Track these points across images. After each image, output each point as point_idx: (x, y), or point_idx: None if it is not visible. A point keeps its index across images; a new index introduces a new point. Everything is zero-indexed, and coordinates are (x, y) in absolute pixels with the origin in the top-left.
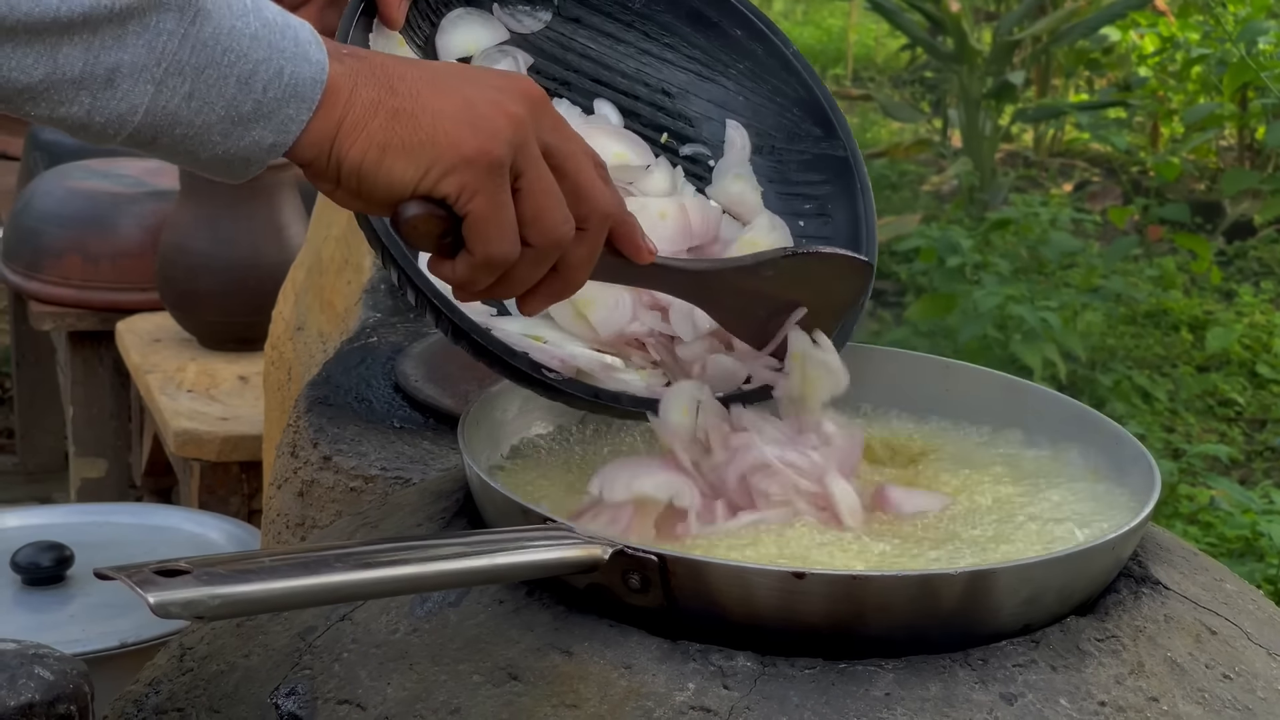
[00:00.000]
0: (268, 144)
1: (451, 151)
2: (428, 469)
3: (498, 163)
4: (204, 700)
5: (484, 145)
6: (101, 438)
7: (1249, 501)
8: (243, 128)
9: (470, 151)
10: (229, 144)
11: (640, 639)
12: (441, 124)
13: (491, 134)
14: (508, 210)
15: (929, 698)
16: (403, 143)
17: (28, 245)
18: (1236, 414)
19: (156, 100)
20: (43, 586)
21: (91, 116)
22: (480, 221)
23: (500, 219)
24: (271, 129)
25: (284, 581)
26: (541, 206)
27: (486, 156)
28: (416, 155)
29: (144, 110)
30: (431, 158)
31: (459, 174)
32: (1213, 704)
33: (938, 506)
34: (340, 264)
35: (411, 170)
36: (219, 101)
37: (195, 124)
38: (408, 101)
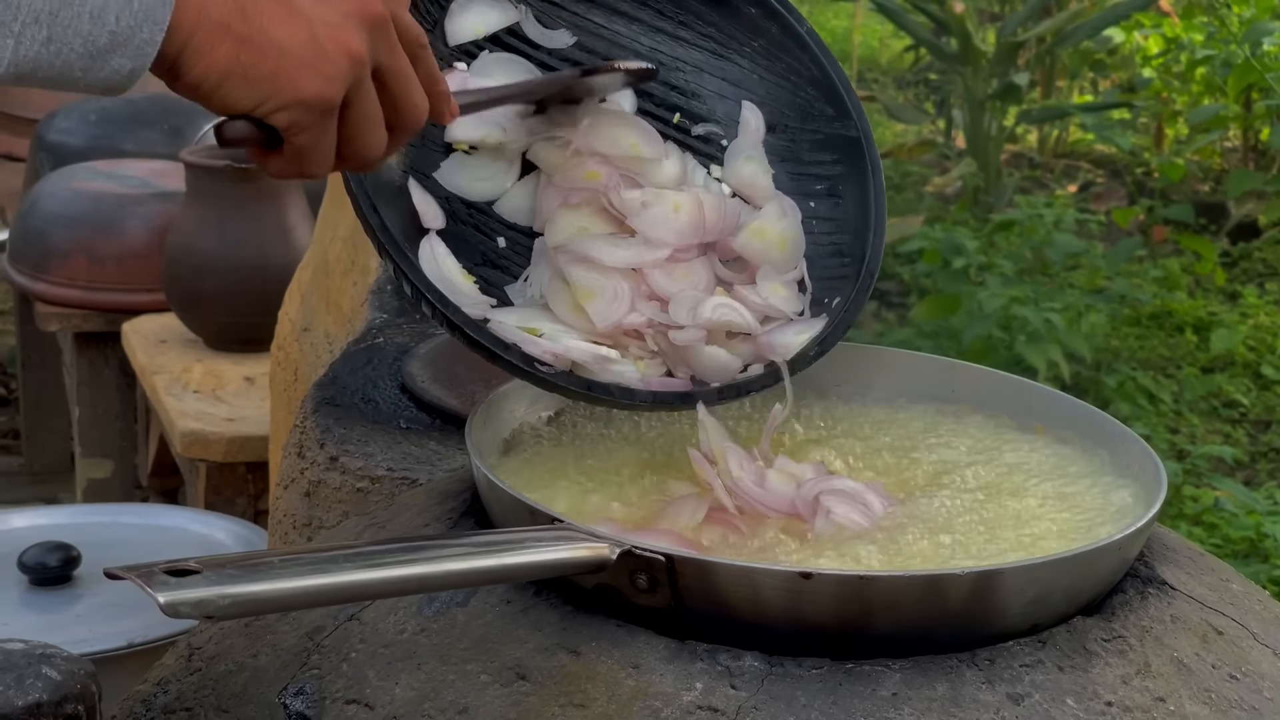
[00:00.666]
0: (127, 70)
1: (289, 90)
2: (434, 469)
3: (330, 106)
4: (212, 700)
5: (321, 90)
6: (107, 439)
7: (1253, 502)
8: (101, 60)
9: (308, 94)
10: (90, 76)
11: (648, 639)
12: (284, 61)
13: (330, 77)
14: (330, 140)
15: (936, 698)
16: (243, 73)
17: (34, 246)
18: (1241, 415)
19: (18, 52)
20: (49, 587)
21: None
22: (303, 152)
23: (322, 149)
24: (129, 56)
25: (293, 581)
26: (360, 133)
27: (322, 100)
28: (254, 87)
29: (7, 63)
30: (269, 92)
31: (291, 111)
32: (1219, 704)
33: (866, 523)
34: (347, 265)
35: (247, 100)
36: (75, 40)
37: (56, 65)
38: (255, 30)
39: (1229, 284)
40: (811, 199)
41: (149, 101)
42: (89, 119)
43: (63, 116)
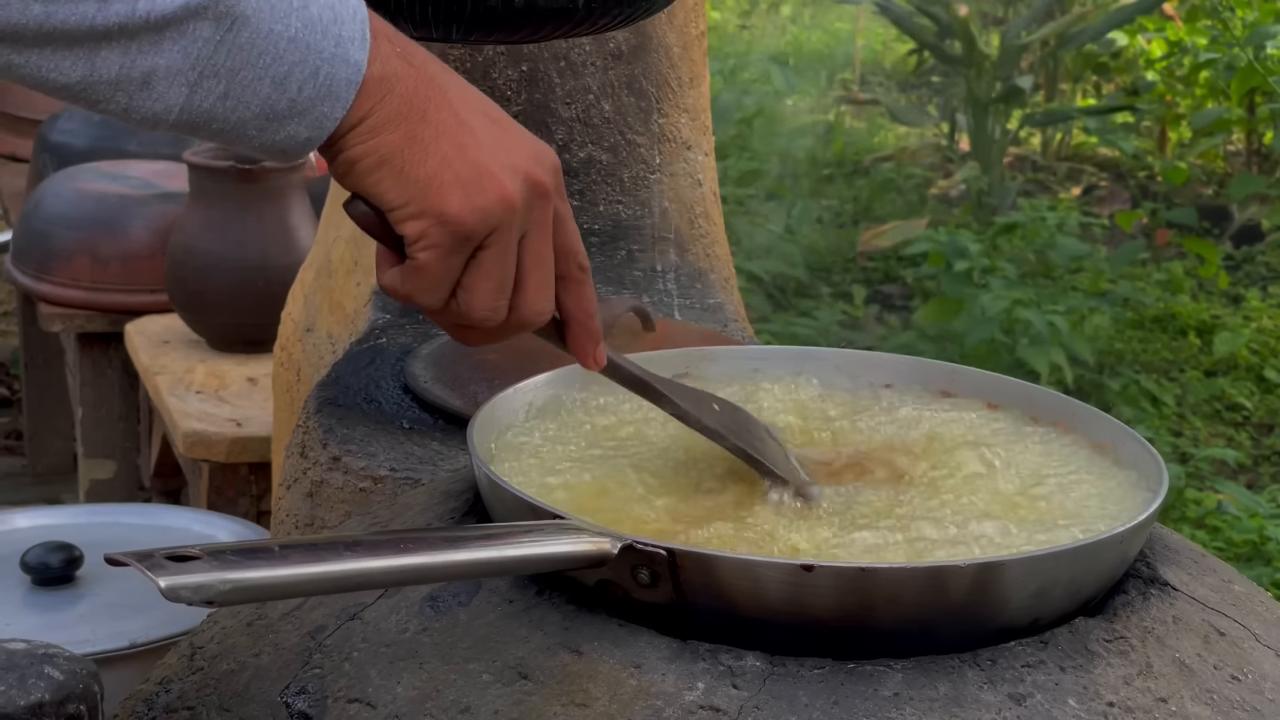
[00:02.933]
0: (303, 138)
1: (434, 202)
2: (437, 469)
3: (466, 236)
4: (214, 699)
5: (464, 216)
6: (110, 439)
7: (1256, 506)
8: (278, 124)
9: (449, 213)
10: (264, 138)
11: (650, 638)
12: (443, 173)
13: (479, 209)
14: (450, 274)
15: (938, 698)
16: (400, 169)
17: (37, 247)
18: (1244, 418)
19: (191, 100)
20: (52, 587)
21: (129, 114)
22: (418, 271)
23: (438, 279)
24: (306, 125)
25: (294, 568)
26: (480, 287)
27: (460, 227)
28: (404, 187)
29: (179, 110)
30: (414, 196)
31: (426, 223)
32: (1221, 705)
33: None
34: (350, 266)
35: (394, 194)
36: (254, 101)
37: (230, 120)
38: (430, 134)
39: (1232, 287)
40: None
41: None
42: (92, 120)
43: (66, 118)
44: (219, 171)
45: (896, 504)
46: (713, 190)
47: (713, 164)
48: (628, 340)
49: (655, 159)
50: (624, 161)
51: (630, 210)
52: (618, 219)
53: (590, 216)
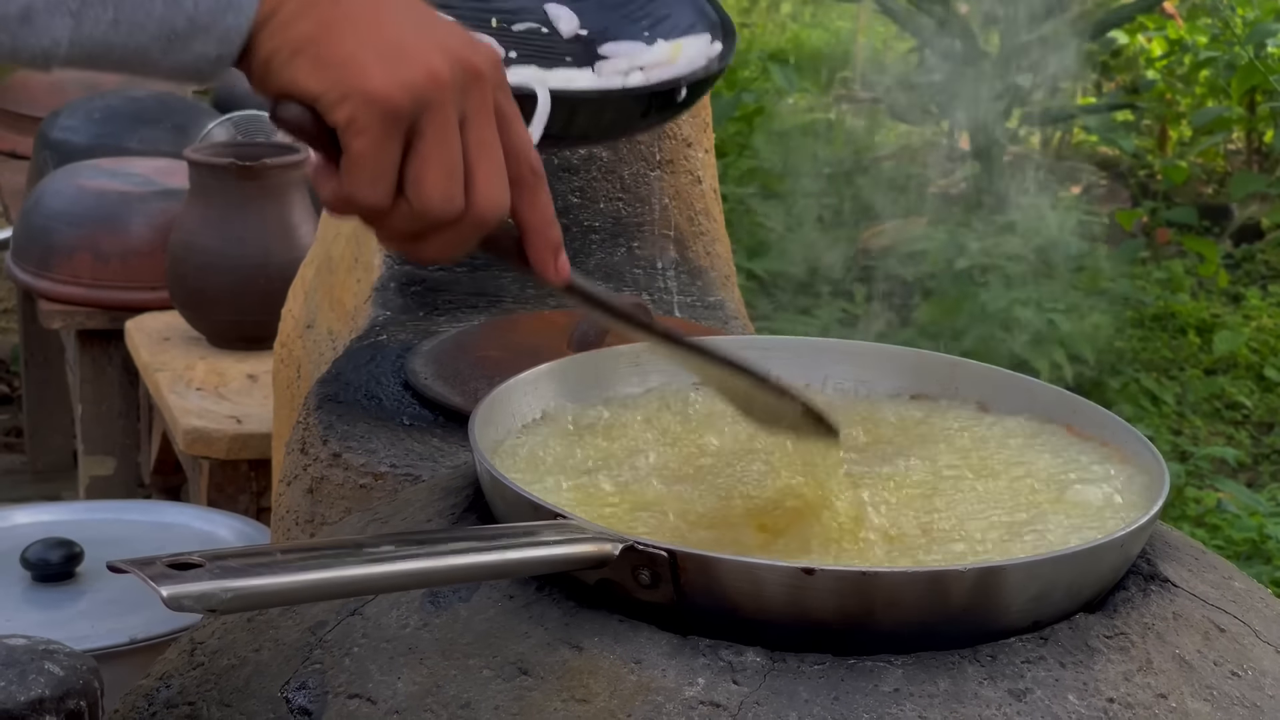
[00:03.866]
0: (214, 56)
1: (356, 82)
2: (437, 466)
3: (395, 111)
4: (215, 695)
5: (388, 90)
6: (110, 436)
7: (1256, 504)
8: (181, 44)
9: (373, 89)
10: (170, 60)
11: (650, 634)
12: (362, 53)
13: (404, 84)
14: (388, 161)
15: (938, 694)
16: (316, 53)
17: (37, 244)
18: (1244, 417)
19: (79, 31)
20: (52, 583)
21: (16, 54)
22: (355, 161)
23: (376, 167)
24: (214, 41)
25: (296, 575)
26: (427, 175)
27: (385, 101)
28: (323, 73)
29: (68, 42)
30: (335, 80)
31: (351, 106)
32: (1221, 701)
33: None
34: (350, 262)
35: (312, 85)
36: (148, 23)
37: (129, 47)
38: (343, 16)
39: (1232, 286)
40: (647, 30)
41: (153, 99)
42: (93, 116)
43: (66, 114)
44: (220, 168)
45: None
46: (713, 188)
47: (713, 161)
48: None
49: (655, 156)
50: (624, 159)
51: (630, 207)
52: (618, 216)
53: (591, 214)
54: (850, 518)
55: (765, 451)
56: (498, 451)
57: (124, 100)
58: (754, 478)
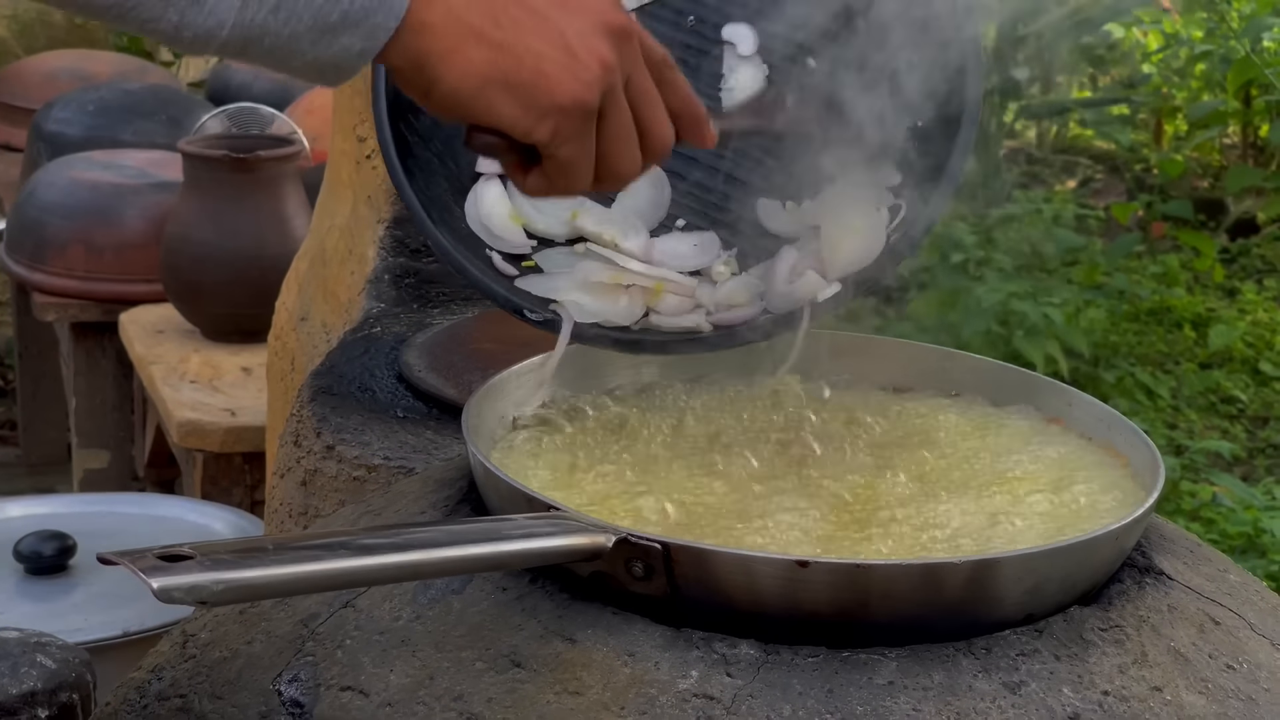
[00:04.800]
0: (356, 50)
1: (548, 97)
2: (431, 458)
3: (590, 112)
4: (206, 687)
5: (579, 95)
6: (104, 429)
7: (1251, 498)
8: (331, 35)
9: (566, 100)
10: (318, 51)
11: (644, 626)
12: (543, 66)
13: (587, 82)
14: (591, 151)
15: (932, 686)
16: (504, 80)
17: (31, 236)
18: (1239, 411)
19: (243, 14)
20: (45, 576)
21: (180, 31)
22: (566, 164)
23: (584, 163)
24: (360, 36)
25: (287, 567)
26: (617, 150)
27: (581, 107)
28: (516, 95)
29: (230, 25)
30: (529, 100)
31: (553, 120)
32: (1216, 694)
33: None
34: (344, 255)
35: (509, 109)
36: (305, 12)
37: (283, 34)
38: (510, 36)
39: (1227, 280)
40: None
41: (147, 92)
42: (87, 109)
43: (60, 106)
44: (214, 161)
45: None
46: None
47: None
48: None
49: None
50: None
51: None
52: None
53: None
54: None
55: (763, 445)
56: (491, 444)
57: (118, 93)
58: (751, 470)
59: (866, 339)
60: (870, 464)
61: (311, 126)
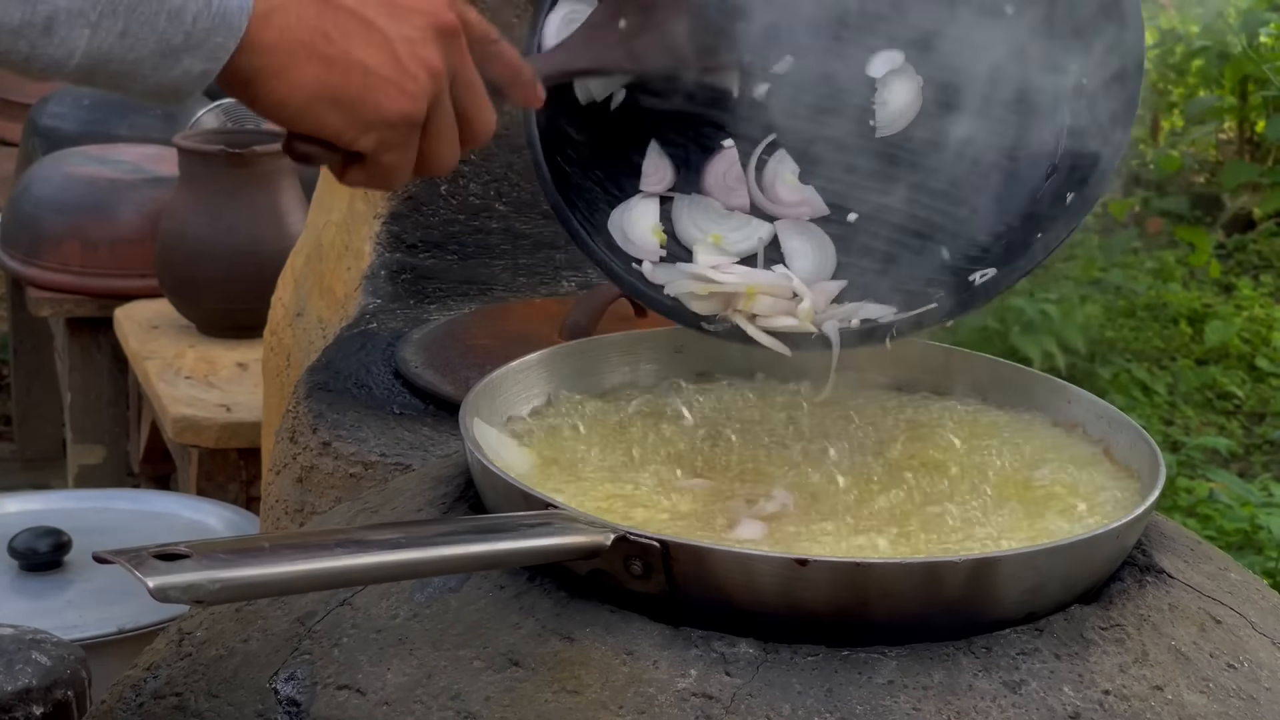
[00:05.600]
0: (197, 72)
1: (375, 111)
2: (428, 455)
3: (415, 123)
4: (202, 685)
5: (406, 108)
6: (99, 424)
7: (1248, 494)
8: (173, 59)
9: (393, 114)
10: (160, 75)
11: (642, 625)
12: (370, 81)
13: (413, 95)
14: (412, 155)
15: (932, 685)
16: (331, 96)
17: (26, 231)
18: (1235, 407)
19: (93, 42)
20: (40, 572)
21: (30, 63)
22: (384, 172)
23: (402, 167)
24: (200, 58)
25: (284, 566)
26: (438, 148)
27: (407, 120)
28: (343, 109)
29: (80, 53)
30: (356, 114)
31: (380, 131)
32: (1217, 693)
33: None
34: (340, 250)
35: (336, 122)
36: (150, 36)
37: (128, 59)
38: (340, 50)
39: (1224, 276)
40: None
41: None
42: (82, 104)
43: (55, 101)
44: (209, 155)
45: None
46: None
47: None
48: (620, 324)
49: None
50: None
51: None
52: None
53: None
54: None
55: (761, 443)
56: (488, 441)
57: None
58: (749, 467)
59: None
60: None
61: None
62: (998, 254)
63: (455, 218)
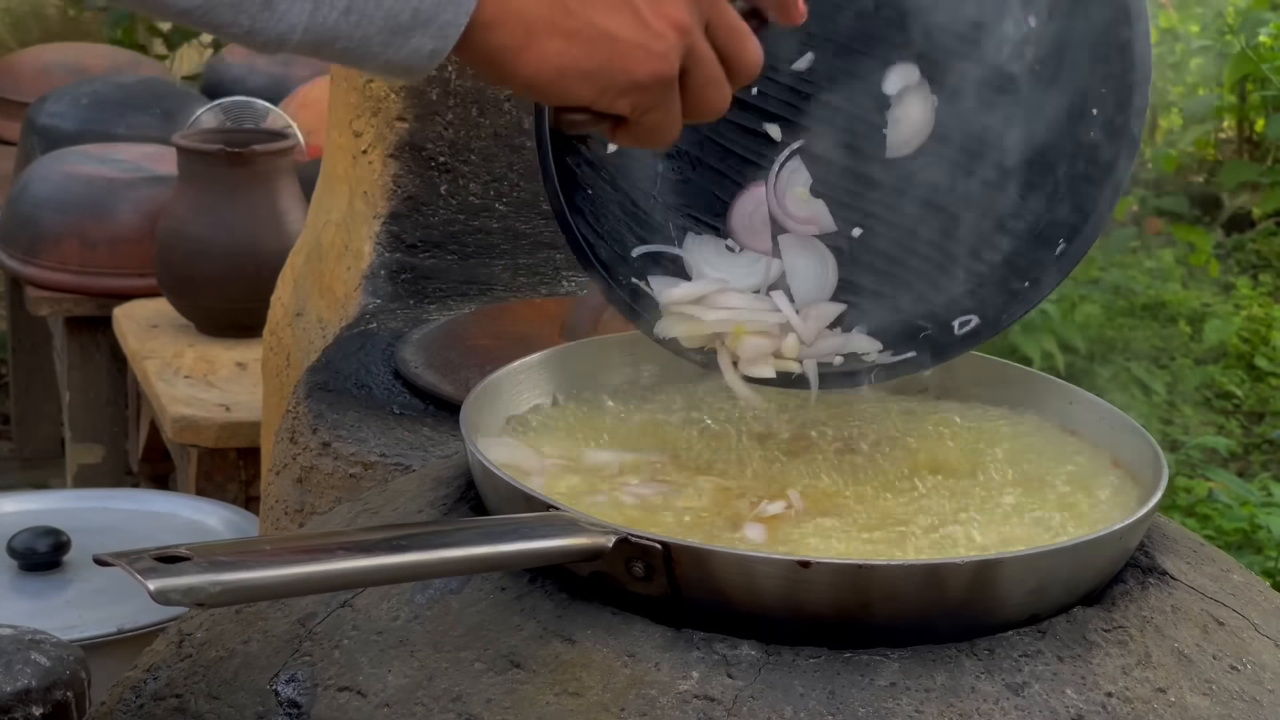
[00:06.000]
0: (428, 50)
1: (625, 76)
2: (428, 455)
3: (670, 81)
4: (203, 687)
5: (657, 68)
6: (98, 424)
7: (1247, 494)
8: (402, 36)
9: (644, 77)
10: (390, 53)
11: (644, 627)
12: (616, 48)
13: (663, 54)
14: (677, 113)
15: (934, 687)
16: (579, 68)
17: (25, 230)
18: (1235, 406)
19: (314, 18)
20: (39, 572)
21: (252, 35)
22: (652, 130)
23: (670, 124)
24: (430, 35)
25: (285, 569)
26: (706, 97)
27: (660, 80)
28: (593, 79)
29: (302, 29)
30: (607, 82)
31: (634, 95)
32: (1220, 695)
33: None
34: (340, 250)
35: (588, 92)
36: (377, 14)
37: (355, 37)
38: (583, 23)
39: (1223, 275)
40: None
41: (141, 85)
42: (80, 102)
43: (54, 100)
44: (208, 155)
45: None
46: None
47: None
48: (620, 325)
49: None
50: None
51: None
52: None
53: None
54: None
55: (761, 443)
56: (489, 442)
57: (112, 86)
58: (750, 469)
59: None
60: (873, 466)
61: (306, 121)
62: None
63: (455, 218)
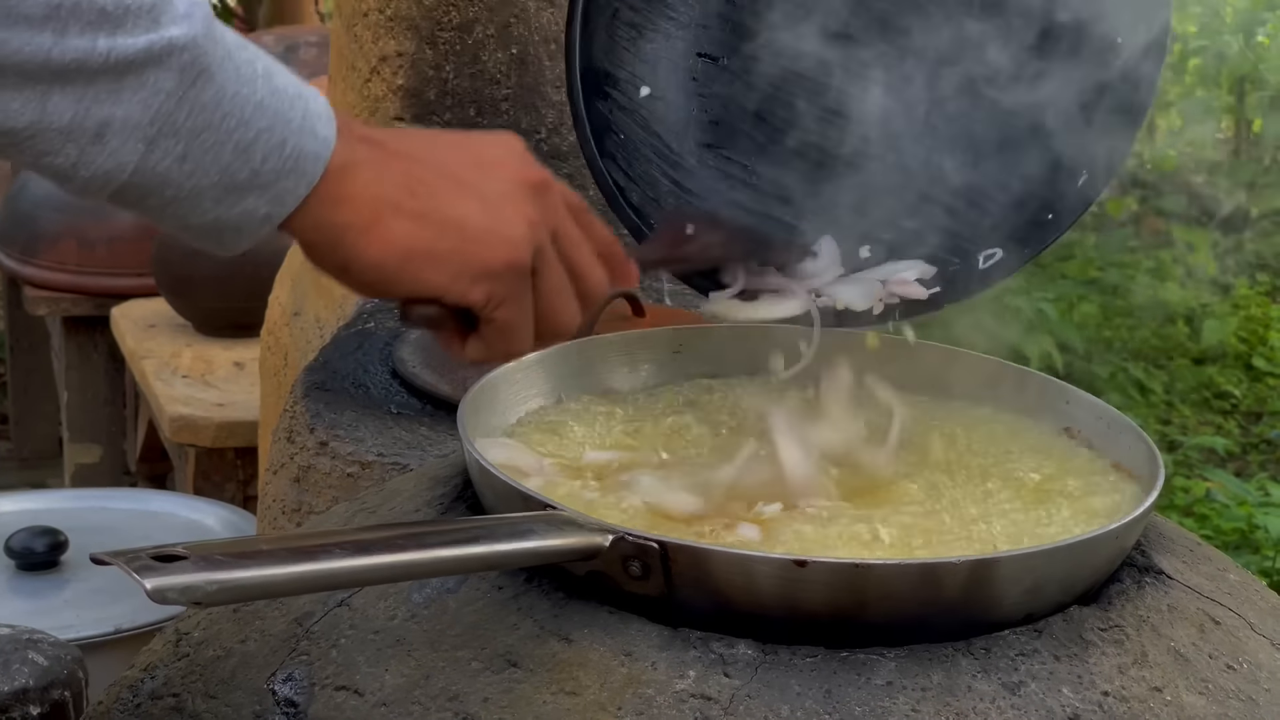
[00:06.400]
0: (261, 214)
1: (478, 261)
2: (425, 455)
3: (523, 271)
4: (200, 686)
5: (510, 255)
6: (96, 423)
7: (1245, 494)
8: (236, 195)
9: (497, 264)
10: (220, 210)
11: (640, 626)
12: (468, 233)
13: (514, 243)
14: (529, 311)
15: (931, 686)
16: (429, 250)
17: (23, 230)
18: (1232, 406)
19: (147, 160)
20: (37, 572)
21: (77, 170)
22: (505, 327)
23: (523, 322)
24: (267, 200)
25: (282, 568)
26: (556, 305)
27: (513, 267)
28: (444, 264)
29: (132, 168)
30: (459, 266)
31: (488, 283)
32: (1216, 694)
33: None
34: None
35: (439, 278)
36: (213, 167)
37: (186, 187)
38: (429, 205)
39: (1220, 275)
40: None
41: None
42: None
43: None
44: None
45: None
46: None
47: None
48: (617, 324)
49: None
50: None
51: None
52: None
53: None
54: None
55: (759, 442)
56: (487, 442)
57: None
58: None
59: (863, 335)
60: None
61: None
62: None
63: None
